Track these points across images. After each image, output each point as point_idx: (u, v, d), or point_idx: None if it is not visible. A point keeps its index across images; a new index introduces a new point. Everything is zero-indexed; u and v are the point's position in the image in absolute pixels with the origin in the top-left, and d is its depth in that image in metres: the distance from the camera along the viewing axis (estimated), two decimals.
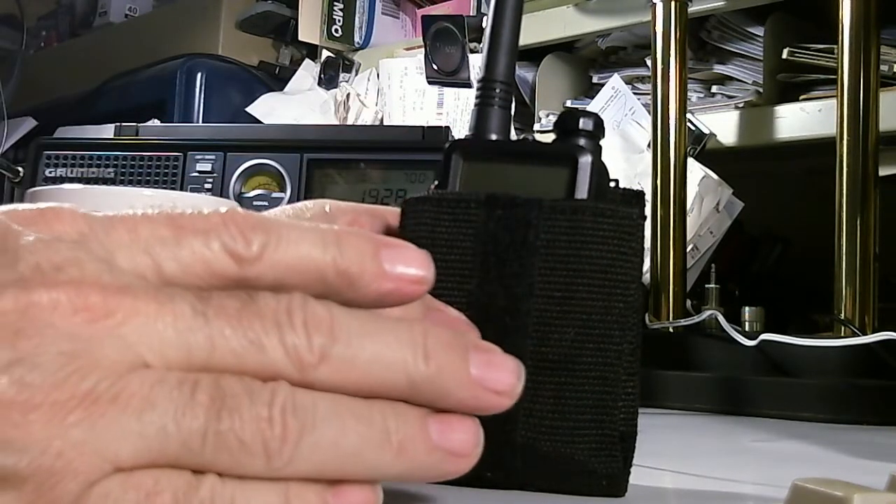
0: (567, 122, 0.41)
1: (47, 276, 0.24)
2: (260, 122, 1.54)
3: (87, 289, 0.24)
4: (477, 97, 0.42)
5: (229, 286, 0.26)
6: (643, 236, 0.39)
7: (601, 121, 0.41)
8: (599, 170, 0.39)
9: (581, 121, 0.40)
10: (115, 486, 0.23)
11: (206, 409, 0.24)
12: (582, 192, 0.39)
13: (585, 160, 0.39)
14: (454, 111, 1.39)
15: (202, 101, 1.68)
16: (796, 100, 1.06)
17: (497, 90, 0.41)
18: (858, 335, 0.81)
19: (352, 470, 0.25)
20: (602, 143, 0.41)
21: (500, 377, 0.27)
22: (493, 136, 0.41)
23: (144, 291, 0.25)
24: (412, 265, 0.28)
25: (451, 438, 0.27)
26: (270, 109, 1.59)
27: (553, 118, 1.29)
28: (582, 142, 0.40)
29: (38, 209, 0.26)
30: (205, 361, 0.25)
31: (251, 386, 0.24)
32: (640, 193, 0.41)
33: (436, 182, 0.41)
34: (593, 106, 1.22)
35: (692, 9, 1.02)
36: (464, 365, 0.27)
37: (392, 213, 0.40)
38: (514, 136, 0.76)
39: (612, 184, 0.40)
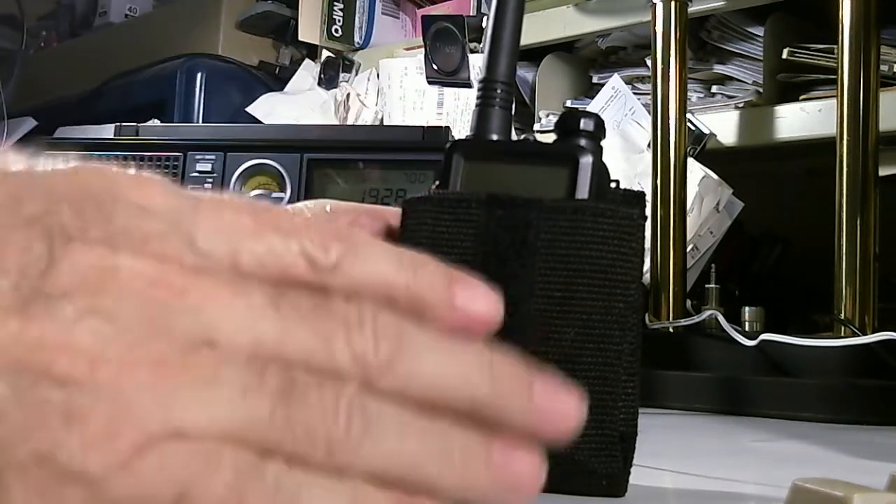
0: (568, 123, 0.41)
1: (135, 243, 0.24)
2: (260, 122, 1.54)
3: (169, 265, 0.24)
4: (478, 97, 0.42)
5: (301, 291, 0.26)
6: (643, 237, 0.39)
7: (602, 121, 0.41)
8: (600, 170, 0.39)
9: (582, 121, 0.40)
10: (178, 449, 0.23)
11: (273, 391, 0.24)
12: (582, 192, 0.39)
13: (586, 160, 0.39)
14: (454, 111, 1.39)
15: (202, 101, 1.68)
16: (796, 100, 1.06)
17: (498, 91, 0.41)
18: (858, 335, 0.81)
19: (412, 480, 0.25)
20: (602, 143, 0.41)
21: (561, 408, 0.27)
22: (494, 137, 0.41)
23: (221, 276, 0.25)
24: (483, 305, 0.28)
25: (513, 463, 0.26)
26: (270, 109, 1.59)
27: (553, 118, 1.29)
28: (583, 142, 0.40)
29: (133, 175, 0.26)
30: (273, 352, 0.24)
31: (320, 379, 0.24)
32: (641, 194, 0.41)
33: (436, 182, 0.41)
34: (593, 106, 1.22)
35: (692, 9, 1.02)
36: (527, 392, 0.27)
37: (392, 213, 0.40)
38: (514, 136, 0.76)
39: (613, 185, 0.40)
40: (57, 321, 0.23)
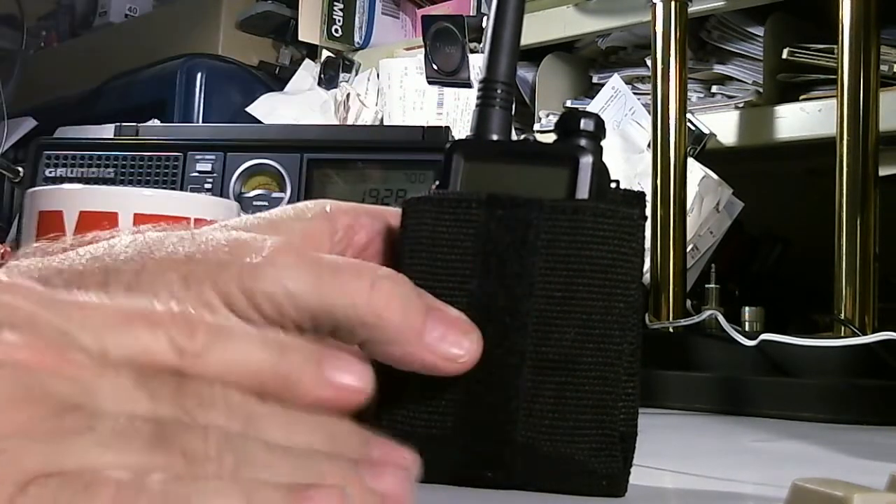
0: (568, 123, 0.41)
1: (12, 324, 0.26)
2: (260, 122, 1.54)
3: (45, 346, 0.26)
4: (478, 98, 0.42)
5: (166, 376, 0.27)
6: (644, 237, 0.39)
7: (602, 121, 0.41)
8: (600, 170, 0.39)
9: (582, 121, 0.40)
10: (59, 481, 0.24)
11: (145, 434, 0.26)
12: (583, 192, 0.39)
13: (586, 160, 0.39)
14: (454, 111, 1.39)
15: (202, 101, 1.68)
16: (796, 100, 1.06)
17: (498, 91, 0.41)
18: (858, 335, 0.81)
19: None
20: (602, 143, 0.41)
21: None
22: (495, 137, 0.41)
23: (93, 361, 0.27)
24: (354, 377, 0.30)
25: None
26: (270, 109, 1.59)
27: (553, 118, 1.29)
28: (583, 142, 0.40)
29: (4, 283, 0.28)
30: (143, 416, 0.26)
31: (187, 426, 0.26)
32: (641, 194, 0.41)
33: (437, 182, 0.41)
34: (593, 106, 1.22)
35: (692, 9, 1.02)
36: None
37: (392, 214, 0.40)
38: (514, 136, 0.76)
39: (613, 185, 0.40)
40: None
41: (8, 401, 0.24)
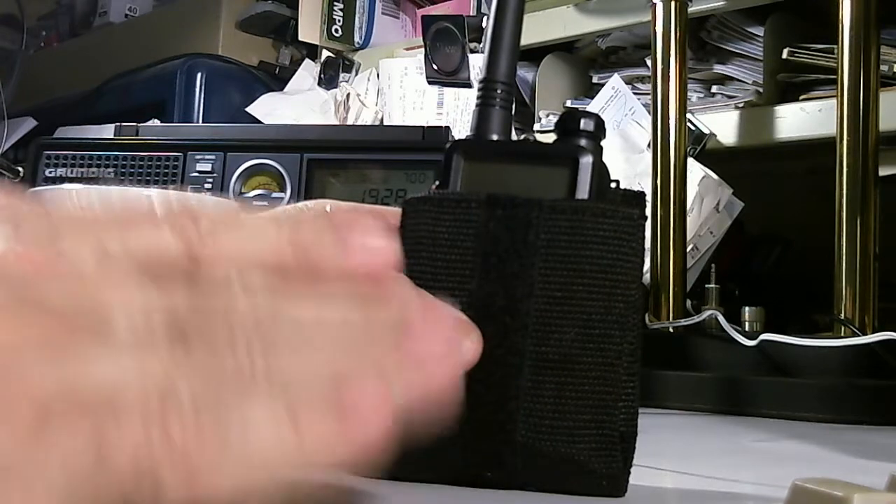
0: (568, 123, 0.41)
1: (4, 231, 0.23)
2: (260, 122, 1.54)
3: (39, 249, 0.23)
4: (478, 98, 0.42)
5: (177, 269, 0.25)
6: (644, 237, 0.39)
7: (602, 122, 0.41)
8: (600, 171, 0.40)
9: (582, 121, 0.40)
10: (81, 407, 0.22)
11: (167, 328, 0.23)
12: (583, 192, 0.39)
13: (586, 160, 0.39)
14: (454, 111, 1.39)
15: (202, 101, 1.68)
16: (796, 100, 1.06)
17: (498, 91, 0.41)
18: (858, 335, 0.81)
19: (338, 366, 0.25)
20: (602, 143, 0.41)
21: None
22: (495, 137, 0.42)
23: (91, 261, 0.24)
24: (376, 237, 0.28)
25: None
26: (270, 109, 1.59)
27: (553, 118, 1.29)
28: (583, 142, 0.40)
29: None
30: (158, 309, 0.24)
31: (209, 314, 0.24)
32: (641, 194, 0.41)
33: (437, 182, 0.41)
34: (593, 106, 1.22)
35: (692, 9, 1.02)
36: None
37: (393, 214, 0.40)
38: (514, 136, 0.76)
39: (613, 185, 0.40)
40: None
41: (1, 315, 0.22)
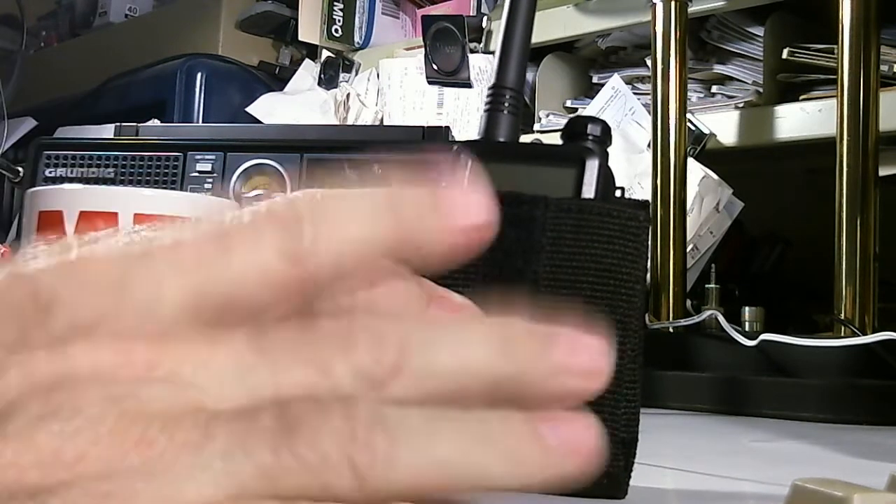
0: (575, 128, 0.41)
1: (82, 332, 0.21)
2: (260, 122, 1.54)
3: (127, 342, 0.21)
4: (487, 103, 0.42)
5: (288, 293, 0.23)
6: (648, 238, 0.39)
7: (608, 127, 0.41)
8: (606, 174, 0.40)
9: (589, 126, 0.40)
10: None
11: (272, 429, 0.21)
12: (588, 192, 0.39)
13: (593, 162, 0.39)
14: (454, 111, 1.39)
15: (202, 101, 1.68)
16: (796, 100, 1.06)
17: (507, 97, 0.42)
18: (858, 335, 0.81)
19: (458, 478, 0.22)
20: (609, 149, 0.41)
21: (584, 359, 0.24)
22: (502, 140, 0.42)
23: (193, 332, 0.22)
24: (478, 211, 0.25)
25: (561, 430, 0.23)
26: (270, 109, 1.59)
27: (553, 118, 1.29)
28: (590, 145, 0.40)
29: (66, 258, 0.22)
30: (268, 398, 0.22)
31: (321, 403, 0.21)
32: (646, 202, 0.41)
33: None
34: (593, 106, 1.22)
35: (692, 9, 1.02)
36: (546, 352, 0.24)
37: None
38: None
39: (618, 192, 0.40)
40: (13, 435, 0.20)
41: (100, 430, 0.20)
